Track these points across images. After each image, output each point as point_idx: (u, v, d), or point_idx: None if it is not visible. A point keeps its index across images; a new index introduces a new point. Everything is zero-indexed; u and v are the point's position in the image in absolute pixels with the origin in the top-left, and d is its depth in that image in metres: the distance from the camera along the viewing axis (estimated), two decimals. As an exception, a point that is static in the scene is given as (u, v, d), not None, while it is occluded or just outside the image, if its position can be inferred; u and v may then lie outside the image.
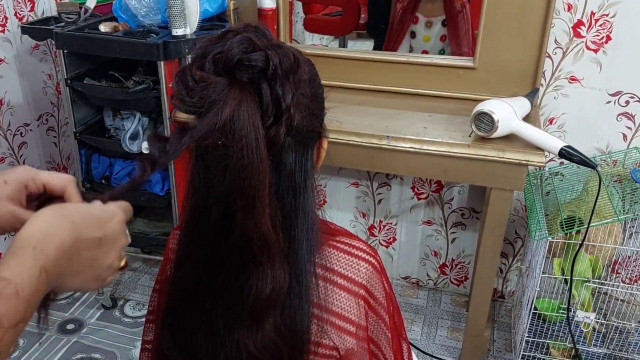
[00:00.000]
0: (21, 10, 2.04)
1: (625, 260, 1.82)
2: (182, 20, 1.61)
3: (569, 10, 1.60)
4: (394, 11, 2.07)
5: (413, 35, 2.01)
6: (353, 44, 2.43)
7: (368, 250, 0.79)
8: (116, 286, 2.17)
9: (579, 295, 1.59)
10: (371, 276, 0.78)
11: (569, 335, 1.61)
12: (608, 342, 1.68)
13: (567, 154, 1.36)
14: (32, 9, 2.08)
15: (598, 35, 1.61)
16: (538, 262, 1.56)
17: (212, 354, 0.73)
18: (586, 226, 1.44)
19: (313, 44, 2.40)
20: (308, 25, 2.34)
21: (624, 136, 1.71)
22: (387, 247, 2.16)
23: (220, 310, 0.72)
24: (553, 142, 1.37)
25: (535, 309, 1.63)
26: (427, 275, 2.17)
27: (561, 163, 1.77)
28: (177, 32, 1.62)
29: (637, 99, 1.66)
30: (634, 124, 1.69)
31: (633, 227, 1.65)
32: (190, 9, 1.62)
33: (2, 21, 1.97)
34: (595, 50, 1.63)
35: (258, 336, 0.70)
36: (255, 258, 0.67)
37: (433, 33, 2.00)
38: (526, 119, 1.47)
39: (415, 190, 2.02)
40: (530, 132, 1.39)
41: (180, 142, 0.61)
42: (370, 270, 0.78)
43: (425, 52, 2.00)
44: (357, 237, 0.82)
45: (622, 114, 1.69)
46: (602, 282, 1.61)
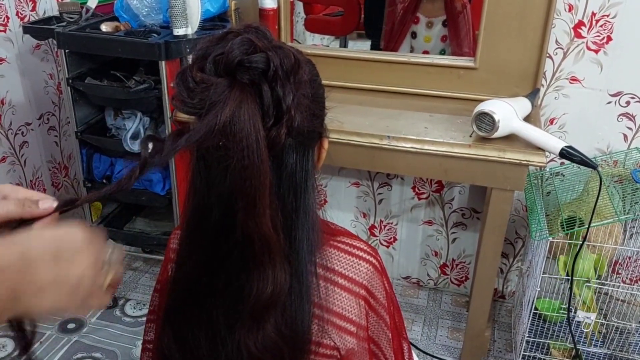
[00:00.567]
0: (23, 10, 2.04)
1: (626, 261, 1.82)
2: (183, 20, 1.61)
3: (570, 10, 1.60)
4: (395, 11, 2.07)
5: (414, 35, 2.01)
6: (354, 44, 2.43)
7: (369, 250, 0.80)
8: (117, 286, 2.17)
9: (579, 294, 1.59)
10: (372, 276, 0.78)
11: (570, 335, 1.61)
12: (608, 342, 1.69)
13: (567, 154, 1.35)
14: (33, 9, 2.08)
15: (599, 36, 1.61)
16: (538, 262, 1.56)
17: (213, 354, 0.73)
18: (587, 226, 1.44)
19: (314, 44, 2.40)
20: (309, 26, 2.34)
21: (625, 136, 1.71)
22: (387, 247, 2.16)
23: (221, 310, 0.72)
24: (554, 143, 1.37)
25: (536, 309, 1.63)
26: (428, 275, 2.17)
27: (562, 163, 1.77)
28: (179, 32, 1.62)
29: (638, 100, 1.66)
30: (635, 125, 1.69)
31: (633, 227, 1.65)
32: (191, 8, 1.62)
33: (3, 21, 1.98)
34: (596, 51, 1.63)
35: (259, 336, 0.70)
36: (256, 258, 0.67)
37: (434, 33, 2.00)
38: (527, 119, 1.47)
39: (416, 190, 2.02)
40: (530, 133, 1.39)
41: (174, 145, 0.59)
42: (370, 270, 0.78)
43: (426, 52, 2.00)
44: (357, 237, 0.82)
45: (622, 114, 1.69)
46: (603, 282, 1.61)
